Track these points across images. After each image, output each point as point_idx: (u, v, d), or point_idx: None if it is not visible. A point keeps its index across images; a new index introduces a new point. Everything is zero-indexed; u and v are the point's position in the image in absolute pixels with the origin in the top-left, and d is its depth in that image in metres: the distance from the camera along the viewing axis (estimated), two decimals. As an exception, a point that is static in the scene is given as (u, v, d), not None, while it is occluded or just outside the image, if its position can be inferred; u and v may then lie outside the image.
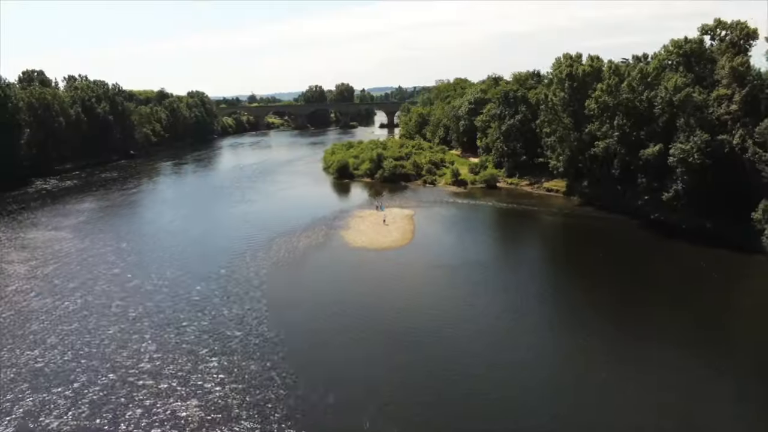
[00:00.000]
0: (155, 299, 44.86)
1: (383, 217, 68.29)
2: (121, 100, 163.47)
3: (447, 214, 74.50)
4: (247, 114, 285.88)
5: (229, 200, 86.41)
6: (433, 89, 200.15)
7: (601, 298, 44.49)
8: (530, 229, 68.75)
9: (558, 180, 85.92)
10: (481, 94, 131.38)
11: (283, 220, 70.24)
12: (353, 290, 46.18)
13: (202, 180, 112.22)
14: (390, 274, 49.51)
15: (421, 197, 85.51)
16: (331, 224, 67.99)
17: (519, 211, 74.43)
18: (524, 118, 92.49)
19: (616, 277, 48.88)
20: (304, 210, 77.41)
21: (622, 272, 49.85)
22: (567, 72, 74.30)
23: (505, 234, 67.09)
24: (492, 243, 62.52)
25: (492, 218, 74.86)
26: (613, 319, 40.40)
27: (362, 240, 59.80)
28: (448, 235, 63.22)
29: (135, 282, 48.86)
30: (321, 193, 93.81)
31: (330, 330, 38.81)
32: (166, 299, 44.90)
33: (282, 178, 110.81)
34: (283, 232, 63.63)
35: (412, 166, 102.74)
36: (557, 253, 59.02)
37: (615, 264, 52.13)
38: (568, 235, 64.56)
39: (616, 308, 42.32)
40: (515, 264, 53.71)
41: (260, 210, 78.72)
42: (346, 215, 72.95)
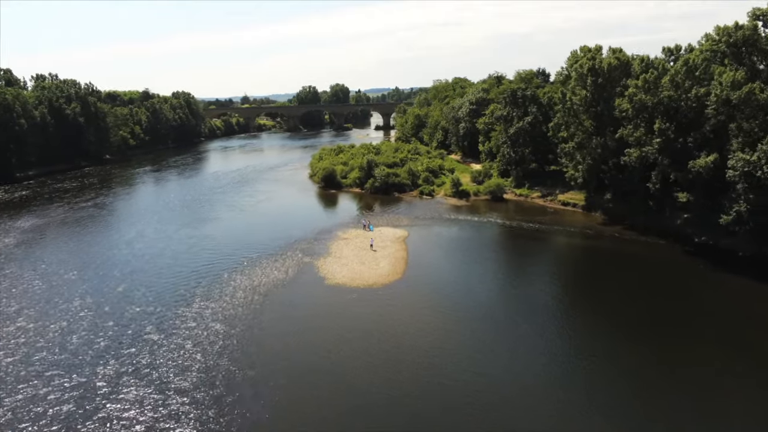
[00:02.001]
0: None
1: (371, 241, 56.59)
2: (94, 100, 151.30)
3: (446, 235, 62.70)
4: (237, 115, 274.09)
5: (194, 217, 74.16)
6: (430, 89, 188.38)
7: (644, 361, 32.74)
8: (548, 256, 57.04)
9: (575, 192, 74.35)
10: (483, 94, 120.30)
11: (251, 245, 58.48)
12: (320, 362, 33.34)
13: (170, 190, 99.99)
14: (374, 329, 37.51)
15: (417, 212, 73.82)
16: (308, 249, 56.23)
17: (532, 231, 62.78)
18: (535, 120, 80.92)
19: (667, 327, 37.14)
20: (279, 230, 65.70)
21: (673, 320, 38.14)
22: (589, 66, 62.66)
23: (517, 264, 55.03)
24: (502, 278, 50.34)
25: (500, 241, 63.07)
26: (667, 394, 28.73)
27: (343, 274, 47.98)
28: (447, 267, 51.28)
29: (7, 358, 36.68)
30: (302, 207, 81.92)
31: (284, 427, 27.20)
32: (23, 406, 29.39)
33: (262, 187, 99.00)
34: (247, 263, 51.85)
35: (407, 175, 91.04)
36: (584, 292, 47.06)
37: (661, 309, 40.40)
38: (595, 265, 52.74)
39: (669, 377, 30.61)
40: (532, 309, 41.81)
41: (227, 230, 66.68)
42: (327, 237, 61.19)
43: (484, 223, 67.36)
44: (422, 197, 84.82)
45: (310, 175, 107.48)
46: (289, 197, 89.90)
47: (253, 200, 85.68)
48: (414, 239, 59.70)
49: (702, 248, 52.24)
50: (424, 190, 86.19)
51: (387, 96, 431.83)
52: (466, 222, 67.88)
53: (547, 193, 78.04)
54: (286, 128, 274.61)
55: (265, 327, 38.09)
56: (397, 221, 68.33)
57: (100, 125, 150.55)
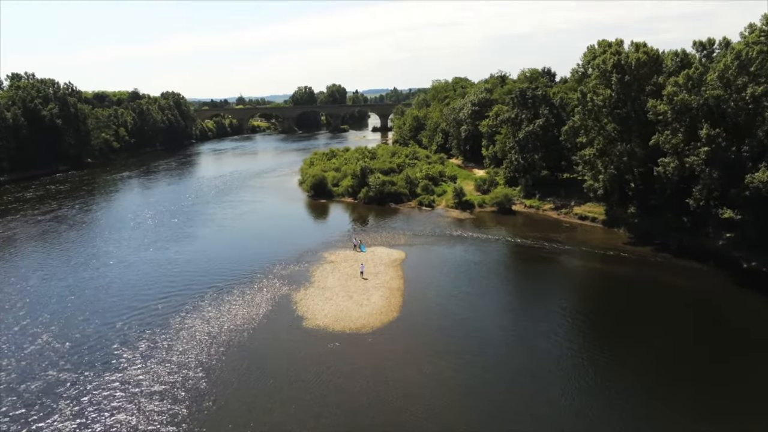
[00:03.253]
0: None
1: (361, 267, 48.16)
2: (74, 101, 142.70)
3: (449, 257, 54.28)
4: (231, 117, 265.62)
5: (165, 235, 65.35)
6: (429, 90, 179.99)
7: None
8: (567, 285, 48.58)
9: (593, 204, 66.18)
10: (486, 94, 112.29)
11: (223, 269, 50.12)
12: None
13: (145, 200, 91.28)
14: (362, 403, 28.80)
15: (415, 227, 65.52)
16: (288, 276, 47.90)
17: (547, 251, 54.52)
18: (547, 123, 72.73)
19: (725, 388, 28.98)
20: (258, 249, 57.44)
21: (731, 375, 30.00)
22: (614, 62, 54.42)
23: (532, 296, 46.10)
24: (516, 315, 41.37)
25: (511, 265, 54.68)
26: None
27: (325, 312, 39.61)
28: (451, 301, 42.51)
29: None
30: (287, 221, 73.45)
31: None
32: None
33: (247, 196, 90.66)
34: (213, 295, 43.46)
35: (404, 183, 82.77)
36: (615, 334, 38.45)
37: (716, 360, 32.23)
38: (626, 298, 44.06)
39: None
40: (553, 356, 33.67)
41: (199, 251, 58.04)
42: (311, 259, 52.88)
43: (492, 242, 59.07)
44: (421, 208, 76.52)
45: (300, 182, 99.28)
46: (275, 208, 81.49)
47: (235, 212, 77.22)
48: (412, 262, 51.40)
49: (754, 277, 44.09)
50: (423, 200, 77.87)
51: (385, 97, 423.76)
52: (470, 240, 59.56)
53: (561, 205, 69.78)
54: (281, 130, 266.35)
55: (217, 404, 29.25)
56: (392, 239, 60.03)
57: (80, 127, 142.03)
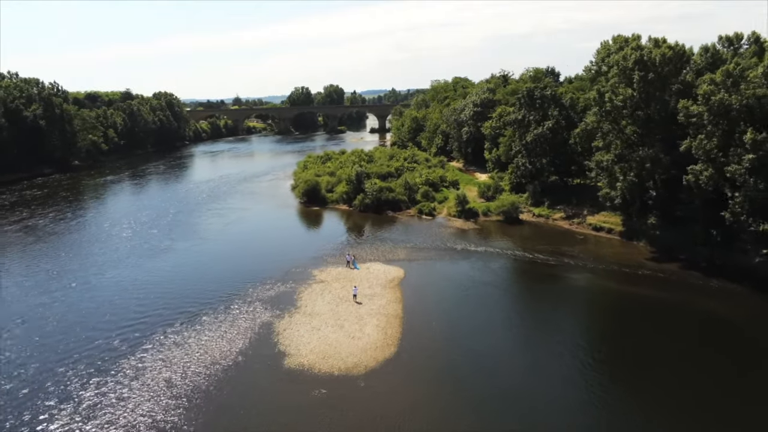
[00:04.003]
0: None
1: (353, 289, 42.67)
2: (59, 101, 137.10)
3: (453, 275, 48.76)
4: (226, 118, 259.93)
5: (139, 249, 58.88)
6: (429, 90, 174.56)
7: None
8: (585, 309, 43.10)
9: (608, 213, 60.84)
10: (488, 95, 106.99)
11: (199, 291, 44.59)
12: None
13: (126, 207, 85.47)
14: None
15: (415, 238, 60.09)
16: (271, 299, 42.44)
17: (561, 267, 49.15)
18: (557, 126, 67.40)
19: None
20: (240, 265, 51.97)
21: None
22: (636, 58, 49.04)
23: (547, 324, 39.98)
24: (531, 352, 35.86)
25: (522, 284, 49.01)
26: None
27: (312, 346, 34.11)
28: (457, 331, 37.01)
29: None
30: (276, 232, 67.87)
31: None
32: None
33: (236, 203, 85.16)
34: (180, 324, 37.93)
35: (403, 189, 77.37)
36: (646, 370, 33.06)
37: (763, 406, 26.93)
38: (655, 324, 38.56)
39: None
40: (574, 400, 28.34)
41: (174, 269, 52.04)
42: (299, 278, 47.42)
43: (500, 256, 53.62)
44: (421, 217, 71.07)
45: (292, 187, 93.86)
46: (264, 217, 75.96)
47: (221, 222, 71.62)
48: (411, 282, 45.96)
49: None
50: (423, 208, 72.39)
51: (383, 98, 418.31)
52: (476, 255, 54.09)
53: (573, 214, 64.43)
54: (277, 131, 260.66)
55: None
56: (390, 253, 54.58)
57: (65, 129, 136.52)
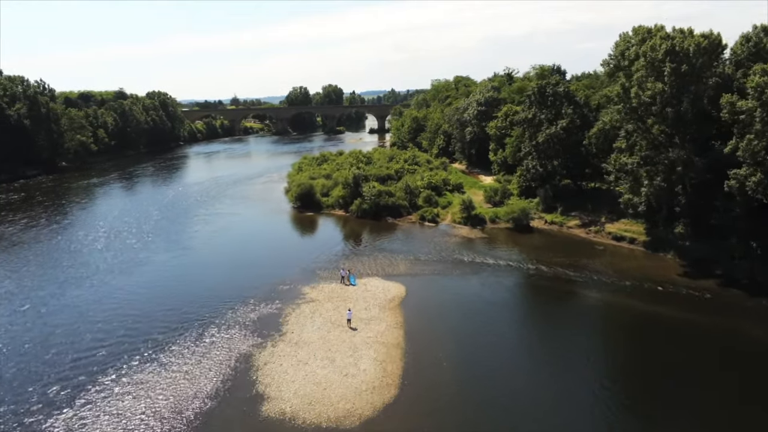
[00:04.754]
0: None
1: (348, 313, 37.10)
2: (45, 100, 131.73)
3: (461, 293, 43.09)
4: (222, 118, 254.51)
5: (109, 261, 52.69)
6: (429, 90, 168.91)
7: None
8: (613, 333, 37.49)
9: (629, 221, 55.44)
10: (493, 93, 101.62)
11: (168, 313, 39.03)
12: None
13: (106, 212, 78.82)
14: None
15: (418, 249, 54.60)
16: (253, 322, 36.97)
17: (581, 284, 43.69)
18: (571, 125, 62.00)
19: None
20: (222, 281, 46.45)
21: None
22: (667, 48, 43.61)
23: (570, 355, 34.59)
24: (554, 394, 30.92)
25: (540, 306, 42.96)
26: None
27: (296, 386, 28.57)
28: (471, 367, 31.28)
29: None
30: (266, 240, 62.36)
31: None
32: None
33: (224, 208, 79.67)
34: (143, 357, 32.48)
35: (403, 193, 71.94)
36: (681, 415, 27.75)
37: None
38: (690, 352, 32.91)
39: None
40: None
41: (144, 285, 46.11)
42: (287, 295, 41.94)
43: (511, 270, 48.16)
44: (423, 224, 65.60)
45: (286, 190, 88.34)
46: (254, 224, 70.43)
47: (207, 230, 66.04)
48: (414, 302, 40.50)
49: None
50: (425, 214, 66.90)
51: (383, 98, 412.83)
52: (485, 268, 48.57)
53: (590, 222, 59.01)
54: (274, 131, 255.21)
55: None
56: (389, 266, 49.10)
57: (52, 128, 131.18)
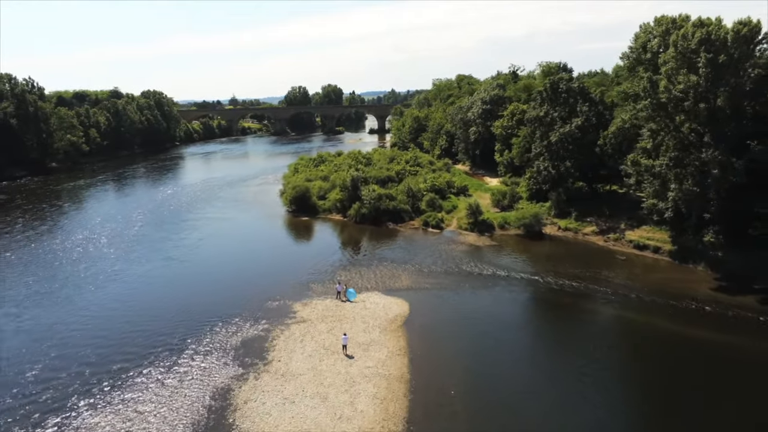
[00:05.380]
0: None
1: (343, 338, 32.35)
2: (34, 98, 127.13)
3: (470, 311, 38.31)
4: (219, 118, 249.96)
5: (80, 273, 48.17)
6: (431, 89, 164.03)
7: None
8: (643, 359, 32.76)
9: (651, 228, 50.85)
10: (498, 91, 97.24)
11: (139, 335, 34.41)
12: None
13: (88, 217, 73.34)
14: None
15: (421, 258, 49.94)
16: (235, 349, 32.31)
17: (603, 300, 39.10)
18: (587, 124, 57.43)
19: None
20: (204, 297, 41.74)
21: None
22: (701, 36, 39.04)
23: (599, 387, 30.51)
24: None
25: (559, 327, 37.95)
26: None
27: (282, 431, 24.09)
28: (484, 404, 27.04)
29: None
30: (256, 249, 57.38)
31: None
32: None
33: (215, 212, 75.03)
34: (104, 390, 27.90)
35: (405, 196, 67.36)
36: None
37: None
38: (733, 386, 28.73)
39: None
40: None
41: (115, 305, 41.15)
42: (275, 314, 37.32)
43: (526, 284, 43.50)
44: (427, 230, 60.98)
45: (281, 193, 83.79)
46: (245, 230, 65.72)
47: (195, 237, 61.35)
48: (419, 322, 35.87)
49: None
50: (429, 219, 62.24)
51: (383, 98, 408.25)
52: (497, 281, 43.96)
53: (608, 228, 54.39)
54: (273, 131, 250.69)
55: None
56: (391, 278, 44.46)
57: (41, 128, 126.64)
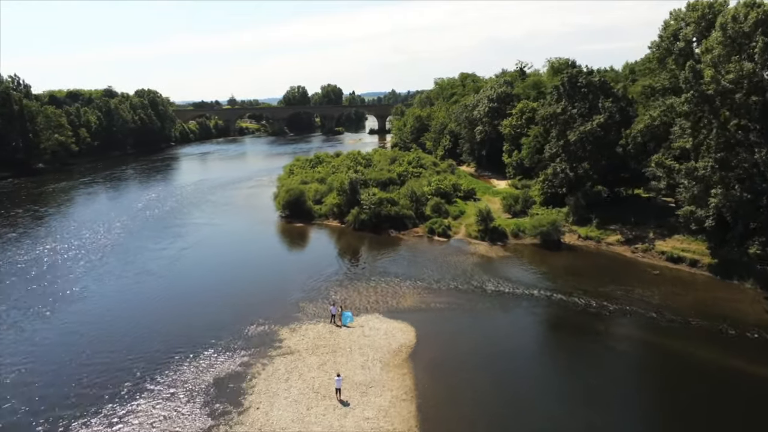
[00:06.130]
0: None
1: (336, 381, 26.66)
2: (19, 96, 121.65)
3: (489, 341, 32.58)
4: (216, 118, 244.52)
5: (35, 294, 42.13)
6: (433, 88, 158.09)
7: None
8: (694, 402, 27.35)
9: (685, 237, 45.26)
10: (506, 88, 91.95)
11: (85, 375, 28.87)
12: None
13: (62, 225, 66.65)
14: None
15: (428, 272, 44.23)
16: (203, 392, 26.77)
17: (642, 324, 33.55)
18: (610, 121, 51.89)
19: None
20: (174, 323, 35.99)
21: None
22: (756, 18, 33.50)
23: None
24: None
25: (588, 360, 32.18)
26: None
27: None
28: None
29: None
30: (242, 261, 51.19)
31: None
32: None
33: (203, 218, 69.39)
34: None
35: (408, 201, 61.78)
36: None
37: None
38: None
39: None
40: None
41: (70, 332, 35.33)
42: (257, 343, 31.69)
43: (548, 303, 37.85)
44: (432, 238, 55.36)
45: (275, 196, 78.24)
46: (233, 238, 60.00)
47: (176, 247, 55.41)
48: (427, 353, 30.20)
49: None
50: (435, 226, 56.54)
51: (383, 99, 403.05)
52: (515, 300, 38.30)
53: (634, 237, 48.75)
54: (271, 132, 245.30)
55: None
56: (394, 296, 38.86)
57: (26, 127, 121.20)
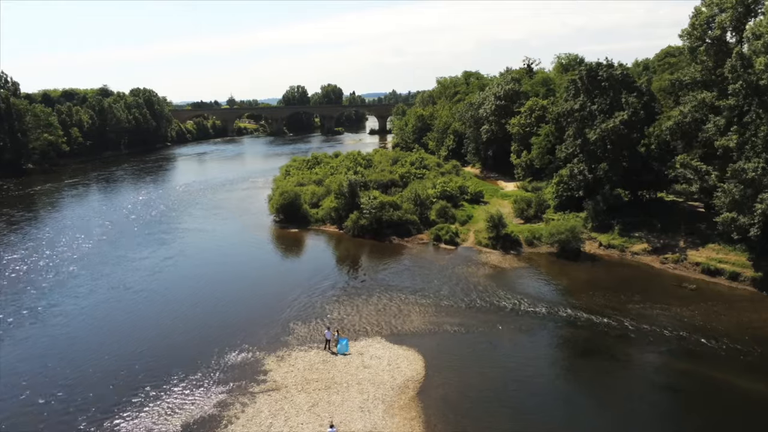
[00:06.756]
0: None
1: (330, 428, 22.12)
2: (6, 94, 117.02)
3: (506, 366, 27.80)
4: (214, 118, 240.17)
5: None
6: (435, 88, 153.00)
7: None
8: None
9: (722, 247, 40.60)
10: (513, 85, 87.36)
11: (21, 419, 24.45)
12: None
13: (39, 231, 61.89)
14: None
15: (435, 286, 39.49)
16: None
17: (681, 350, 28.96)
18: (634, 118, 47.18)
19: None
20: (144, 349, 31.35)
21: None
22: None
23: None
24: None
25: (626, 395, 27.57)
26: None
27: None
28: None
29: None
30: (228, 274, 46.16)
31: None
32: None
33: (192, 223, 64.72)
34: None
35: (411, 205, 57.12)
36: None
37: None
38: None
39: None
40: None
41: (22, 359, 31.07)
42: (237, 376, 27.05)
43: (572, 324, 33.11)
44: (438, 246, 50.62)
45: (269, 198, 73.67)
46: (222, 245, 55.01)
47: (159, 256, 50.51)
48: (439, 389, 25.48)
49: None
50: (441, 233, 51.74)
51: (383, 99, 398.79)
52: (536, 319, 33.60)
53: (663, 246, 44.03)
54: (270, 132, 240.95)
55: None
56: (398, 315, 34.19)
57: (14, 126, 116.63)
